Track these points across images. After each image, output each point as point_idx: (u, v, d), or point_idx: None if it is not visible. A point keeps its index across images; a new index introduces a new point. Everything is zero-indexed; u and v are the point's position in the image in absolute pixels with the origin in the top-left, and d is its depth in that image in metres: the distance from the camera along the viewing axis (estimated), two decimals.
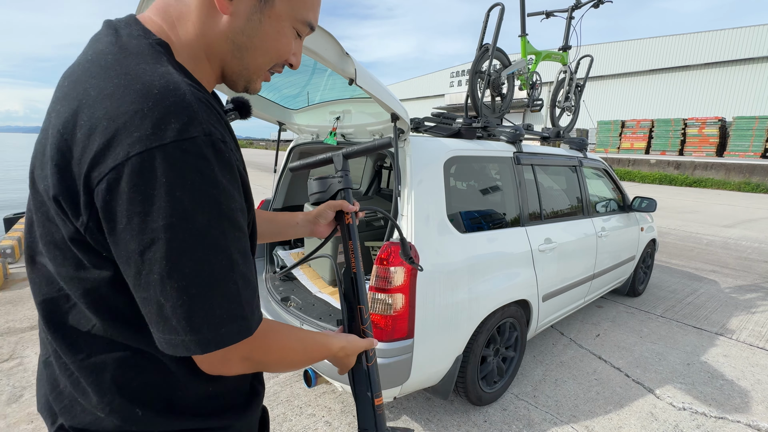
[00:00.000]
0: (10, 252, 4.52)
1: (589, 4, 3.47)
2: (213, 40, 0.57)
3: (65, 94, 0.51)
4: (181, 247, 0.47)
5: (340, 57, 1.34)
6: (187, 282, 0.47)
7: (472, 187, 2.37)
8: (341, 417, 2.15)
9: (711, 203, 10.94)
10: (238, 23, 0.56)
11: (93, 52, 0.53)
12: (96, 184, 0.46)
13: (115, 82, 0.48)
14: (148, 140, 0.45)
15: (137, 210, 0.46)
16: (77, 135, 0.48)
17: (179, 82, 0.50)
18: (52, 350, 0.58)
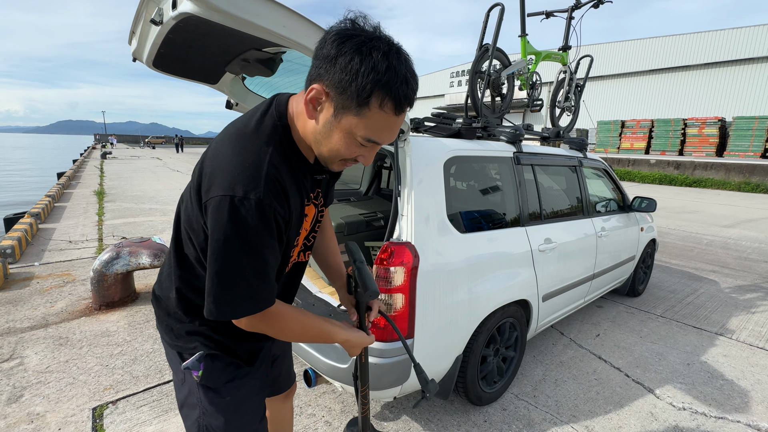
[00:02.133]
0: (10, 252, 4.52)
1: (589, 4, 3.47)
2: (307, 132, 0.86)
3: (215, 144, 0.87)
4: (222, 254, 0.78)
5: None
6: (221, 275, 0.79)
7: (472, 187, 2.37)
8: (341, 417, 2.15)
9: (711, 203, 10.94)
10: (318, 127, 0.83)
11: (242, 123, 0.87)
12: (203, 205, 0.82)
13: (236, 150, 0.82)
14: (226, 190, 0.77)
15: (210, 226, 0.79)
16: (203, 175, 0.83)
17: (263, 162, 0.80)
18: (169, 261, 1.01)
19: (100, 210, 7.79)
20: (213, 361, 0.98)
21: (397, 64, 0.76)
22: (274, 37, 1.20)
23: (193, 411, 1.02)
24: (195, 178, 0.85)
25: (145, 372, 2.52)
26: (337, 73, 0.74)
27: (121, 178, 13.41)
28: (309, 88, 0.79)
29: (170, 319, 1.01)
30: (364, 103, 0.76)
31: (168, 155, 29.48)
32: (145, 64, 1.60)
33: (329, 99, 0.78)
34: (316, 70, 0.79)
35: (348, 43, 0.74)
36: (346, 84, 0.74)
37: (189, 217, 0.89)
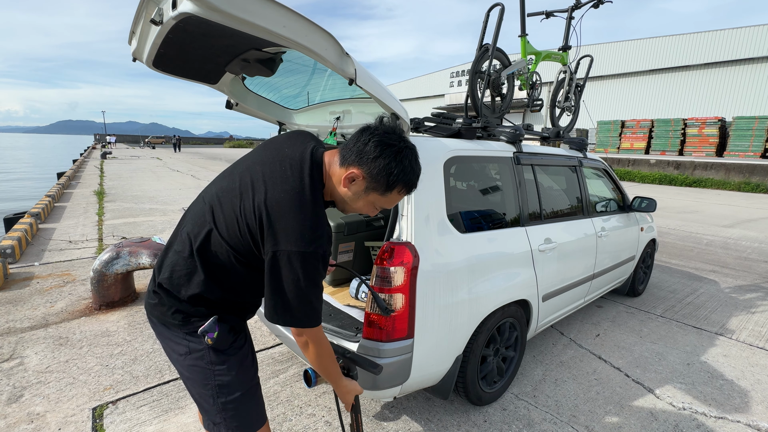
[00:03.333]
0: (10, 252, 4.52)
1: (589, 4, 3.47)
2: (337, 192, 1.17)
3: (277, 202, 1.07)
4: (297, 289, 1.06)
5: (339, 57, 1.34)
6: (296, 301, 1.07)
7: (472, 187, 2.37)
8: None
9: (711, 203, 10.94)
10: (349, 194, 1.15)
11: (298, 183, 1.10)
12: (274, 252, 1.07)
13: (301, 213, 1.07)
14: (300, 247, 1.04)
15: (284, 269, 1.06)
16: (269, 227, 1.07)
17: (323, 224, 1.09)
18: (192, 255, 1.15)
19: (100, 210, 7.79)
20: (222, 324, 1.17)
21: (415, 166, 1.14)
22: (274, 37, 1.20)
23: (203, 376, 1.18)
24: (253, 223, 1.07)
25: (145, 372, 2.52)
26: (376, 168, 1.09)
27: (121, 178, 13.41)
28: (348, 169, 1.11)
29: (182, 304, 1.15)
30: (390, 189, 1.13)
31: (168, 155, 29.48)
32: (145, 64, 1.60)
33: (363, 180, 1.11)
34: (357, 157, 1.10)
35: (388, 150, 1.09)
36: (381, 177, 1.10)
37: (236, 244, 1.11)
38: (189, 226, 1.17)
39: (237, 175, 1.17)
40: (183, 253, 1.15)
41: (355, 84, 1.39)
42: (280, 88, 2.28)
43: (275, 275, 1.05)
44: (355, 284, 2.45)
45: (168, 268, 1.17)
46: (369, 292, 1.52)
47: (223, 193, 1.15)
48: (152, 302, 1.20)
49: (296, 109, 2.54)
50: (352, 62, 1.35)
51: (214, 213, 1.14)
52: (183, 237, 1.17)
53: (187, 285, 1.14)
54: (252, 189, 1.10)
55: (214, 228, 1.12)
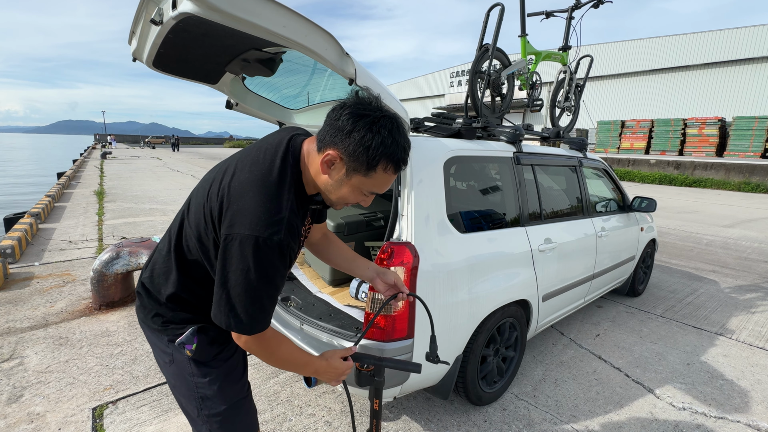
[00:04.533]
0: (10, 252, 4.52)
1: (589, 4, 3.47)
2: (318, 181, 1.03)
3: (241, 184, 0.97)
4: (244, 281, 0.91)
5: (340, 57, 1.34)
6: (241, 298, 0.92)
7: (472, 187, 2.37)
8: (341, 417, 2.15)
9: (711, 203, 10.94)
10: (330, 181, 1.00)
11: (266, 168, 0.99)
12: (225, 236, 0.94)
13: (262, 196, 0.94)
14: (253, 231, 0.90)
15: (232, 256, 0.93)
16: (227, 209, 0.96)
17: (285, 209, 0.95)
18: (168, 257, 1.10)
19: (100, 210, 7.79)
20: (202, 335, 1.10)
21: (398, 137, 0.96)
22: (274, 37, 1.20)
23: (186, 386, 1.13)
24: (215, 206, 0.97)
25: (145, 372, 2.52)
26: (352, 144, 0.93)
27: (121, 178, 13.41)
28: (324, 151, 0.96)
29: (162, 307, 1.11)
30: (372, 168, 0.95)
31: (168, 155, 29.49)
32: (145, 64, 1.60)
33: (342, 162, 0.96)
34: (331, 137, 0.95)
35: (361, 122, 0.92)
36: (359, 154, 0.93)
37: (200, 233, 1.02)
38: (172, 223, 1.14)
39: (222, 165, 1.10)
40: (163, 250, 1.12)
41: (355, 84, 1.39)
42: (280, 88, 2.28)
43: (224, 263, 0.92)
44: (355, 284, 2.44)
45: (150, 267, 1.15)
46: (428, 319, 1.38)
47: (200, 184, 1.10)
48: (137, 304, 1.18)
49: (296, 109, 2.54)
50: (352, 62, 1.35)
51: (189, 205, 1.08)
52: (165, 235, 1.15)
53: (165, 284, 1.10)
54: (224, 174, 1.02)
55: (186, 220, 1.07)
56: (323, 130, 0.98)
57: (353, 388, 1.79)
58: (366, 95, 1.02)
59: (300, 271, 2.70)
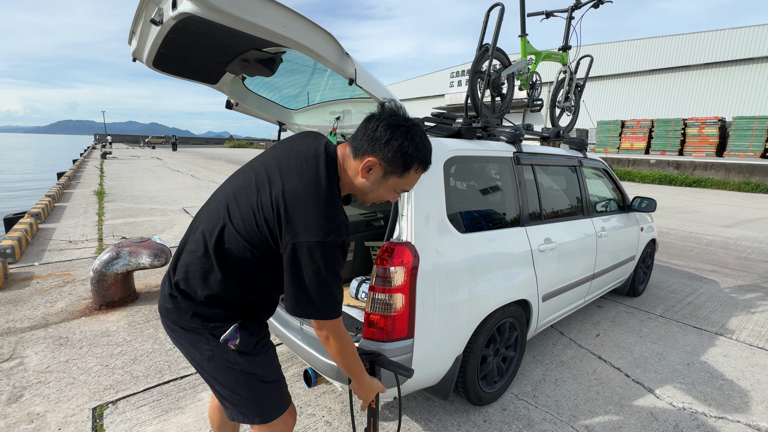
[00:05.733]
0: (10, 252, 4.52)
1: (589, 4, 3.47)
2: (355, 183, 1.18)
3: (295, 193, 1.08)
4: (318, 280, 1.07)
5: (339, 57, 1.34)
6: (318, 293, 1.08)
7: (472, 187, 2.37)
8: (341, 417, 2.15)
9: (711, 203, 10.94)
10: (367, 183, 1.17)
11: (314, 175, 1.11)
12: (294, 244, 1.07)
13: (320, 204, 1.09)
14: (320, 237, 1.05)
15: (303, 261, 1.07)
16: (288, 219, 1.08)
17: (340, 214, 1.11)
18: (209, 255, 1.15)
19: (100, 210, 7.79)
20: (244, 330, 1.18)
21: (426, 142, 1.16)
22: (274, 37, 1.20)
23: (231, 374, 1.18)
24: (271, 216, 1.07)
25: (145, 372, 2.52)
26: (390, 151, 1.11)
27: (121, 178, 13.41)
28: (363, 158, 1.13)
29: (200, 307, 1.15)
30: (407, 170, 1.15)
31: (168, 155, 29.49)
32: (145, 64, 1.61)
33: (380, 166, 1.13)
34: (369, 146, 1.12)
35: (398, 132, 1.10)
36: (396, 159, 1.12)
37: (252, 240, 1.10)
38: (203, 225, 1.17)
39: (252, 172, 1.18)
40: (197, 252, 1.15)
41: (355, 84, 1.39)
42: (280, 88, 2.28)
43: (295, 267, 1.06)
44: (355, 284, 2.44)
45: (182, 269, 1.16)
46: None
47: (238, 190, 1.16)
48: (168, 306, 1.18)
49: (296, 109, 2.54)
50: (352, 62, 1.35)
51: (230, 209, 1.14)
52: (197, 236, 1.17)
53: (203, 285, 1.13)
54: (269, 183, 1.11)
55: (229, 223, 1.12)
56: (359, 139, 1.13)
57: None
58: (392, 106, 1.18)
59: None
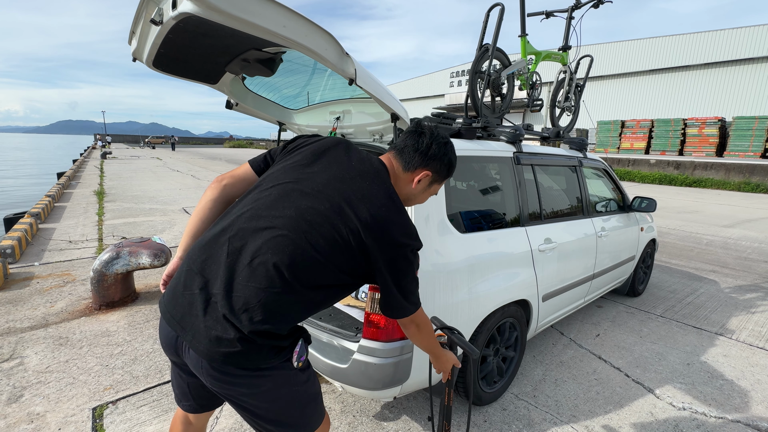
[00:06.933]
0: (10, 252, 4.52)
1: (589, 4, 3.47)
2: (402, 190, 1.29)
3: (380, 204, 1.15)
4: (408, 281, 1.19)
5: (340, 57, 1.34)
6: (409, 292, 1.19)
7: (472, 187, 2.37)
8: (341, 417, 2.15)
9: (711, 203, 10.94)
10: (415, 192, 1.31)
11: (387, 184, 1.21)
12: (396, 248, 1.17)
13: (402, 211, 1.20)
14: (412, 241, 1.17)
15: (400, 264, 1.18)
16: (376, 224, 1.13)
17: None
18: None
19: (100, 210, 7.79)
20: (304, 343, 1.19)
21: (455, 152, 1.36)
22: (274, 37, 1.20)
23: (289, 398, 1.14)
24: (362, 240, 1.09)
25: (145, 372, 2.52)
26: (444, 165, 1.30)
27: (121, 178, 13.41)
28: (418, 172, 1.26)
29: (279, 340, 1.08)
30: (449, 177, 1.36)
31: (168, 155, 29.50)
32: (145, 64, 1.60)
33: (430, 177, 1.29)
34: (425, 160, 1.26)
35: (448, 147, 1.30)
36: (444, 171, 1.31)
37: (341, 262, 1.10)
38: (272, 257, 1.03)
39: (316, 198, 1.12)
40: (273, 288, 1.02)
41: (355, 84, 1.39)
42: (280, 88, 2.28)
43: (396, 272, 1.13)
44: None
45: (258, 311, 1.01)
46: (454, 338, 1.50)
47: (309, 215, 1.08)
48: (233, 351, 1.01)
49: (296, 109, 2.54)
50: (352, 62, 1.35)
51: (310, 239, 1.06)
52: (266, 270, 1.03)
53: (286, 319, 1.06)
54: (350, 207, 1.10)
55: (315, 255, 1.06)
56: (409, 153, 1.25)
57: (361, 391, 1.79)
58: (428, 123, 1.32)
59: None
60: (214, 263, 1.06)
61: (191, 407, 1.32)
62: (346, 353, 1.82)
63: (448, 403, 1.52)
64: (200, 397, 1.29)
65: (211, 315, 1.02)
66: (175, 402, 1.47)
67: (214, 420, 2.09)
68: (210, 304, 1.03)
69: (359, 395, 2.10)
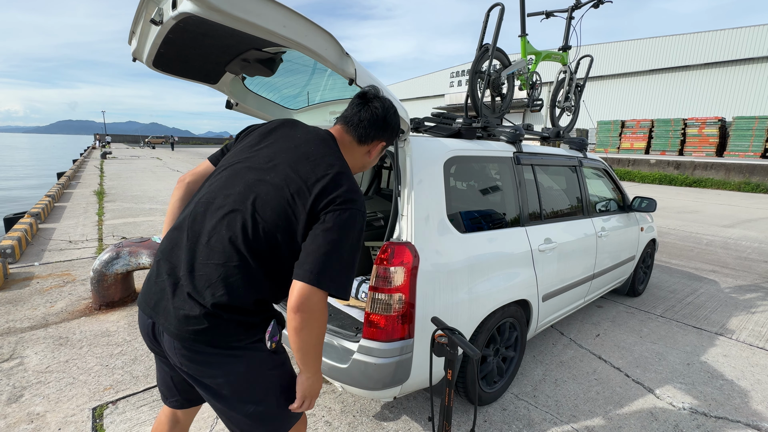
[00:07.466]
0: (10, 252, 4.52)
1: (589, 4, 3.47)
2: (360, 162, 1.33)
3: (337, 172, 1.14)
4: (351, 248, 1.09)
5: (340, 57, 1.34)
6: (343, 263, 1.06)
7: (472, 187, 2.37)
8: (341, 417, 2.15)
9: (711, 203, 10.94)
10: (371, 160, 1.34)
11: (339, 152, 1.23)
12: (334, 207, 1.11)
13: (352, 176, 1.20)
14: (360, 207, 1.12)
15: (337, 224, 1.09)
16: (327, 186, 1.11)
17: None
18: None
19: (100, 210, 7.79)
20: (279, 323, 1.18)
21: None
22: (274, 37, 1.20)
23: (264, 383, 1.14)
24: (308, 199, 1.08)
25: (145, 372, 2.52)
26: (395, 132, 1.33)
27: (121, 178, 13.41)
28: (374, 143, 1.29)
29: (248, 316, 1.09)
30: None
31: (168, 155, 29.49)
32: (145, 64, 1.60)
33: (384, 145, 1.33)
34: (381, 133, 1.28)
35: (398, 113, 1.33)
36: (395, 136, 1.35)
37: (289, 224, 1.08)
38: (226, 232, 1.07)
39: (263, 170, 1.15)
40: (230, 263, 1.05)
41: (355, 84, 1.39)
42: (280, 88, 2.28)
43: (333, 230, 1.05)
44: (355, 284, 2.44)
45: (220, 285, 1.04)
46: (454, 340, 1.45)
47: (257, 187, 1.11)
48: (200, 327, 1.03)
49: (296, 109, 2.54)
50: (352, 62, 1.35)
51: (257, 210, 1.08)
52: (222, 246, 1.06)
53: (249, 292, 1.06)
54: (296, 173, 1.11)
55: (262, 222, 1.07)
56: (363, 128, 1.25)
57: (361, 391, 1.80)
58: (370, 89, 1.30)
59: None
60: (178, 249, 1.12)
61: (177, 402, 1.33)
62: (346, 353, 1.82)
63: (448, 403, 1.52)
64: (185, 390, 1.30)
65: (179, 296, 1.07)
66: (162, 401, 1.49)
67: (215, 419, 2.09)
68: (178, 286, 1.08)
69: (359, 395, 2.11)
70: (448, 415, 1.54)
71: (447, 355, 1.44)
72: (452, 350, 1.44)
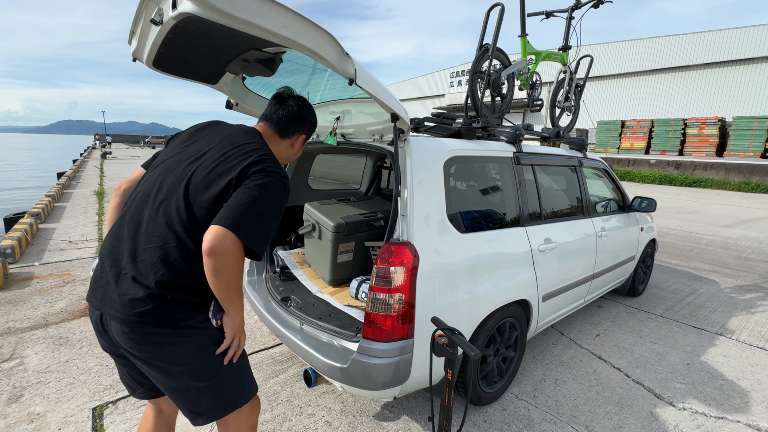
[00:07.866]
0: (10, 252, 4.52)
1: (588, 4, 3.47)
2: (285, 155, 1.49)
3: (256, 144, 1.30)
4: (270, 209, 1.18)
5: (339, 57, 1.34)
6: (261, 221, 1.15)
7: (472, 187, 2.37)
8: (341, 417, 2.15)
9: (711, 203, 10.94)
10: (294, 151, 1.50)
11: (261, 138, 1.36)
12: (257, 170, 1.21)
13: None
14: (281, 171, 1.24)
15: (259, 183, 1.19)
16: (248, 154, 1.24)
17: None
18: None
19: (100, 210, 7.79)
20: (216, 302, 1.22)
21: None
22: (274, 37, 1.20)
23: (212, 360, 1.20)
24: (235, 172, 1.17)
25: None
26: (313, 125, 1.50)
27: (121, 178, 13.40)
28: (295, 136, 1.46)
29: (190, 295, 1.16)
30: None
31: None
32: (145, 64, 1.61)
33: (304, 137, 1.49)
34: (300, 127, 1.45)
35: (313, 108, 1.49)
36: (314, 129, 1.52)
37: (219, 197, 1.15)
38: (162, 218, 1.15)
39: (193, 160, 1.24)
40: (168, 243, 1.13)
41: (355, 84, 1.39)
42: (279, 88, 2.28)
43: (249, 190, 1.14)
44: (355, 284, 2.44)
45: (160, 265, 1.12)
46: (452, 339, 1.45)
47: (189, 174, 1.20)
48: (145, 309, 1.10)
49: None
50: (352, 62, 1.35)
51: (190, 193, 1.17)
52: (159, 230, 1.14)
53: (189, 271, 1.14)
54: (224, 156, 1.22)
55: (197, 206, 1.15)
56: (284, 124, 1.41)
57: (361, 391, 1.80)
58: (284, 90, 1.46)
59: (300, 272, 2.70)
60: (120, 244, 1.20)
61: (144, 393, 1.36)
62: (346, 353, 1.82)
63: (448, 403, 1.52)
64: (146, 382, 1.34)
65: (123, 283, 1.14)
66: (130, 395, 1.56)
67: None
68: (121, 275, 1.15)
69: (359, 395, 2.11)
70: (448, 415, 1.54)
71: (447, 355, 1.44)
72: (452, 350, 1.44)
